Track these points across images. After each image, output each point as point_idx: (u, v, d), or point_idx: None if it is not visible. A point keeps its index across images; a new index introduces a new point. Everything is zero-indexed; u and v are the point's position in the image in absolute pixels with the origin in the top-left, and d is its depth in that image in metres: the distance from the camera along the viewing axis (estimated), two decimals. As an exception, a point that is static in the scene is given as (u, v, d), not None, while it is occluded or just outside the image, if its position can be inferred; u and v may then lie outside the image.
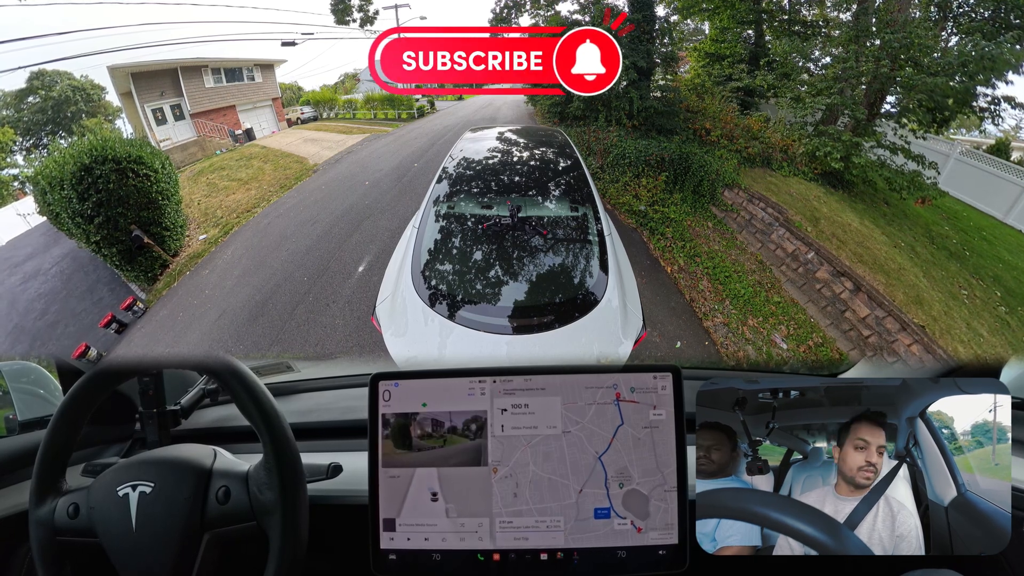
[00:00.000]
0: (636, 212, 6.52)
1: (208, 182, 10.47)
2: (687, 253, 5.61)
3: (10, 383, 1.38)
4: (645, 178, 7.05)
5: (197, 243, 7.14)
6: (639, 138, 8.10)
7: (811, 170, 7.40)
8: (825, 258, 5.07)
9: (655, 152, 7.17)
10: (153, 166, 6.37)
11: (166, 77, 16.41)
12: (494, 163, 3.69)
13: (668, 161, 7.06)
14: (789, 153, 7.75)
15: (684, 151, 7.19)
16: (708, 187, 6.90)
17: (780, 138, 8.05)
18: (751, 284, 5.12)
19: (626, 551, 0.88)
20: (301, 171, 10.31)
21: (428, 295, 2.45)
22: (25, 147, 21.08)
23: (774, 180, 7.02)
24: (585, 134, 8.70)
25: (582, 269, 2.65)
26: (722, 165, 6.99)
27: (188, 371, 1.59)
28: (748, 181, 6.76)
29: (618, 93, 8.41)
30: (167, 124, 16.53)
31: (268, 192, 8.94)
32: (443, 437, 0.92)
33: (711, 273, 5.25)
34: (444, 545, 0.89)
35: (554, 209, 3.02)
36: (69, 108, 22.09)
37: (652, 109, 8.42)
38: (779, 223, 5.77)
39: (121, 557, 0.92)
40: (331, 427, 1.41)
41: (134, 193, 6.11)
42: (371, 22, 11.67)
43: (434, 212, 3.00)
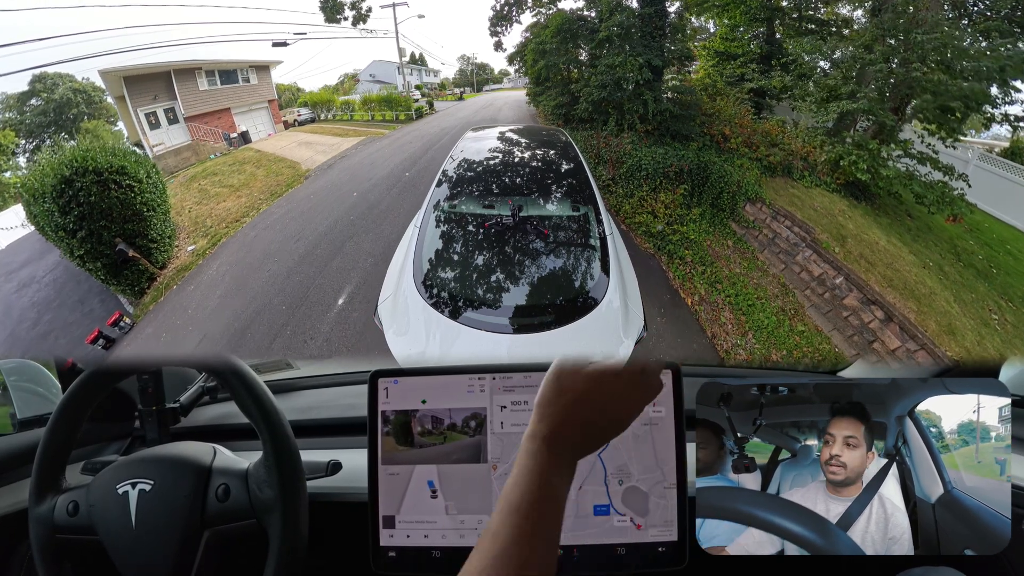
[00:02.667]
0: (654, 234, 5.84)
1: (200, 188, 10.35)
2: (708, 279, 5.10)
3: (9, 381, 1.38)
4: (663, 192, 6.34)
5: (185, 255, 6.97)
6: (653, 144, 7.39)
7: (833, 180, 6.84)
8: (855, 284, 4.65)
9: (674, 162, 6.53)
10: (137, 176, 6.12)
11: (159, 80, 16.13)
12: (495, 163, 3.69)
13: (687, 172, 6.43)
14: (810, 161, 7.17)
15: (702, 160, 6.58)
16: (728, 200, 6.26)
17: (801, 144, 7.43)
18: (774, 312, 4.74)
19: (625, 548, 0.88)
20: (293, 177, 10.17)
21: (429, 294, 2.45)
22: (28, 149, 21.07)
23: (797, 192, 6.48)
24: (593, 139, 7.95)
25: (583, 269, 2.65)
26: (743, 176, 6.37)
27: (187, 369, 1.59)
28: (770, 194, 6.18)
29: (630, 95, 7.69)
30: (161, 128, 16.28)
31: (258, 200, 8.80)
32: (443, 434, 0.92)
33: (733, 302, 4.81)
34: (444, 542, 0.89)
35: (556, 209, 3.02)
36: (71, 110, 22.14)
37: (668, 113, 7.64)
38: (806, 244, 5.26)
39: (121, 555, 0.92)
40: (330, 424, 1.41)
41: (117, 205, 5.86)
42: (364, 20, 11.46)
43: (436, 212, 3.00)
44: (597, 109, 8.56)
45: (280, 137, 17.75)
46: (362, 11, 11.32)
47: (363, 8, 11.28)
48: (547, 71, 10.96)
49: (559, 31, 9.88)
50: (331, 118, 22.81)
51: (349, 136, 15.51)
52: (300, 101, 25.16)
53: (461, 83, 48.95)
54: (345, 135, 15.88)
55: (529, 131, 5.22)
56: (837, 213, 6.08)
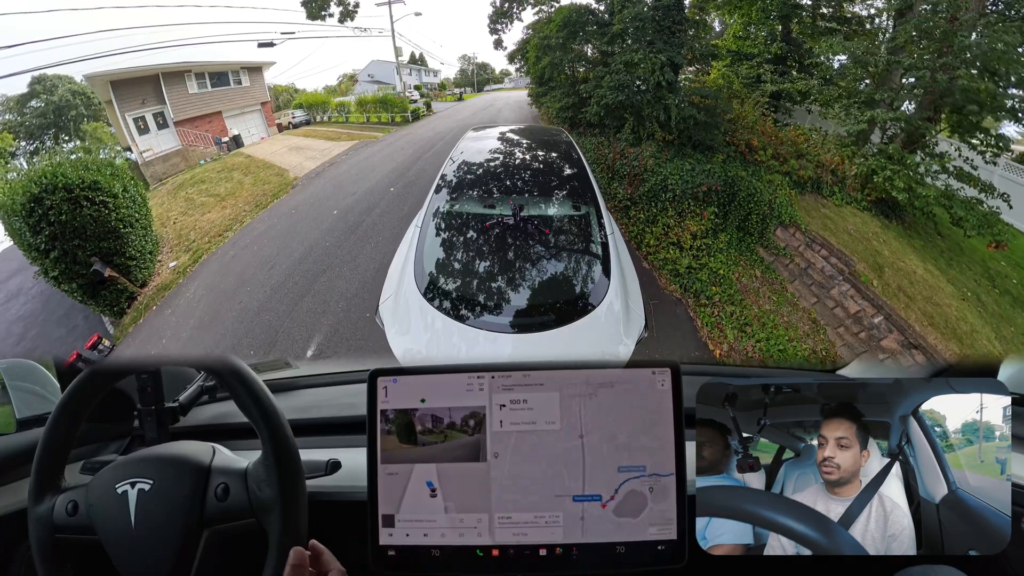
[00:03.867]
0: (682, 273, 5.08)
1: (186, 197, 10.25)
2: (737, 323, 4.60)
3: (8, 381, 1.38)
4: (690, 217, 5.46)
5: (167, 272, 6.71)
6: (674, 156, 6.46)
7: (864, 196, 6.25)
8: (896, 325, 4.23)
9: (704, 181, 5.63)
10: (112, 191, 5.76)
11: (147, 84, 15.67)
12: (496, 163, 3.70)
13: (715, 192, 5.59)
14: (838, 174, 6.48)
15: (729, 175, 5.78)
16: (758, 223, 5.49)
17: (831, 157, 6.67)
18: (806, 354, 4.40)
19: (625, 546, 0.88)
20: (280, 186, 9.97)
21: (430, 294, 2.46)
22: (28, 151, 21.03)
23: (828, 212, 5.89)
24: (605, 148, 7.07)
25: (585, 269, 2.65)
26: (774, 194, 5.60)
27: (186, 368, 1.59)
28: (803, 215, 5.54)
29: (649, 99, 6.76)
30: (150, 133, 15.82)
31: (243, 212, 8.66)
32: (442, 433, 0.92)
33: (764, 348, 4.39)
34: (443, 541, 0.89)
35: (557, 209, 3.02)
36: (70, 112, 22.06)
37: (692, 120, 6.60)
38: (843, 277, 4.75)
39: (120, 554, 0.92)
40: (330, 423, 1.41)
41: (91, 223, 5.52)
42: (351, 17, 10.89)
43: (437, 211, 3.00)
44: (610, 113, 7.64)
45: (272, 141, 17.43)
46: (349, 7, 10.78)
47: (350, 4, 10.75)
48: (551, 69, 10.09)
49: (565, 24, 8.97)
50: (327, 120, 22.48)
51: (342, 140, 15.28)
52: (295, 103, 24.78)
53: (462, 83, 48.92)
54: (338, 139, 15.60)
55: (530, 131, 5.23)
56: (871, 236, 5.56)
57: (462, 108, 24.58)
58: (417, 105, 21.36)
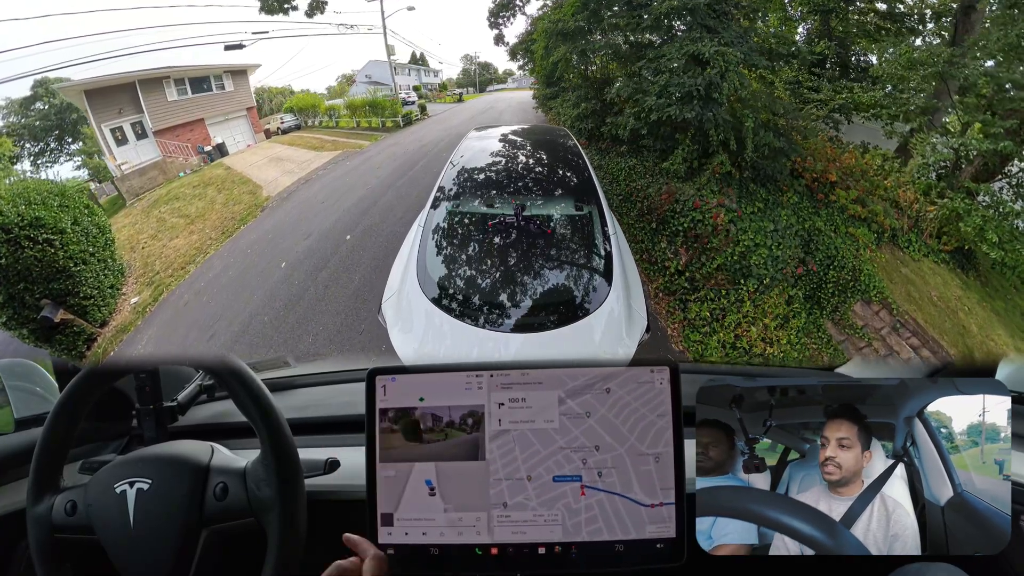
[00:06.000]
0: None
1: (159, 217, 10.02)
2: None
3: (7, 381, 1.38)
4: (769, 296, 3.94)
5: (128, 308, 6.24)
6: (742, 199, 4.73)
7: (940, 245, 5.02)
8: None
9: (796, 255, 4.13)
10: (58, 227, 5.19)
11: (124, 92, 14.69)
12: (498, 163, 3.71)
13: (812, 273, 4.13)
14: (910, 213, 5.15)
15: (805, 227, 4.43)
16: (834, 295, 4.10)
17: (908, 193, 5.23)
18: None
19: (624, 544, 0.88)
20: (249, 208, 9.58)
21: (432, 293, 2.47)
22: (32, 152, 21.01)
23: (909, 272, 4.68)
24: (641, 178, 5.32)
25: (588, 269, 2.66)
26: (856, 256, 4.27)
27: (184, 367, 1.59)
28: (889, 286, 4.28)
29: (724, 116, 4.83)
30: (128, 144, 14.95)
31: (208, 240, 8.34)
32: (441, 431, 0.92)
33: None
34: (442, 539, 0.89)
35: (559, 209, 3.03)
36: (71, 115, 22.01)
37: (767, 147, 4.78)
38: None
39: (119, 554, 0.92)
40: (328, 422, 1.41)
41: (35, 265, 4.99)
42: (320, 10, 10.41)
43: (439, 210, 3.01)
44: (654, 131, 5.57)
45: (255, 150, 16.58)
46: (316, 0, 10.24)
47: (317, -3, 9.97)
48: (565, 65, 7.57)
49: (585, 4, 6.58)
50: (317, 125, 21.45)
51: (325, 150, 14.54)
52: (286, 106, 23.73)
53: (464, 83, 48.74)
54: (321, 148, 14.86)
55: (532, 131, 5.25)
56: (955, 303, 4.47)
57: (459, 111, 22.80)
58: (410, 108, 20.10)
